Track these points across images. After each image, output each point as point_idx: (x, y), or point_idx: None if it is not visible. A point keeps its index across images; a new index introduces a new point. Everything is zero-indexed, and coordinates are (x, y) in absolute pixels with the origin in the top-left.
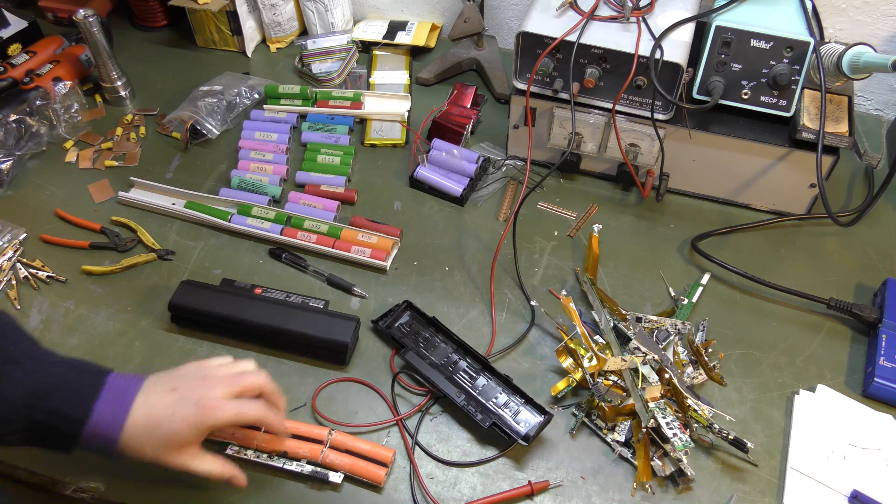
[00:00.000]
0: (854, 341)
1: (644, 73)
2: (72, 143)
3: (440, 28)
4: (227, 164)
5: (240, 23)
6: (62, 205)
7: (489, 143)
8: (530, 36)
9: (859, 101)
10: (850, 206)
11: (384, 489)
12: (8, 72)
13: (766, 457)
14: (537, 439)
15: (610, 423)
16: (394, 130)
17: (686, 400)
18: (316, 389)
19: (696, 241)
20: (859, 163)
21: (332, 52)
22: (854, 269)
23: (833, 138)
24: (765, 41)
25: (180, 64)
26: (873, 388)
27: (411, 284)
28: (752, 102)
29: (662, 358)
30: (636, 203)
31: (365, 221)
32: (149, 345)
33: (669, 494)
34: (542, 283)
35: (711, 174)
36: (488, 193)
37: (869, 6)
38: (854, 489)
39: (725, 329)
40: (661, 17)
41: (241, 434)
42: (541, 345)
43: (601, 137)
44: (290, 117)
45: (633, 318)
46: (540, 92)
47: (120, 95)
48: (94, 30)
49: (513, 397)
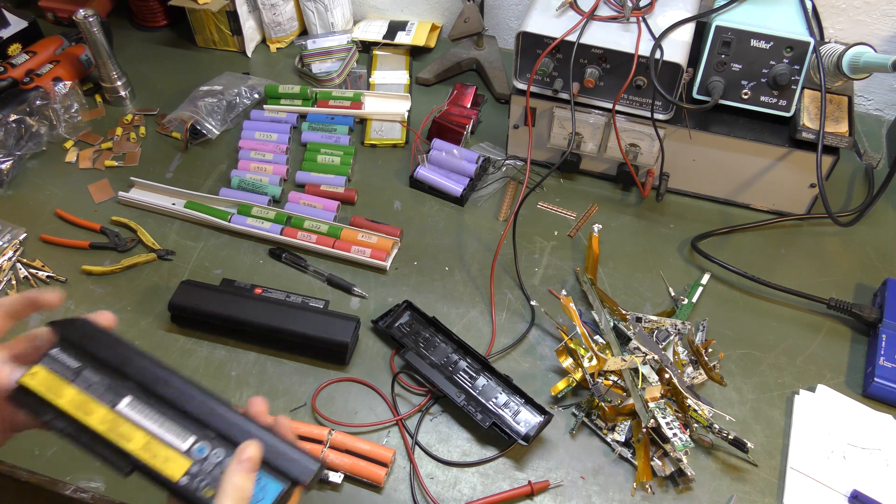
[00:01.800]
0: (854, 341)
1: (644, 73)
2: (72, 143)
3: (440, 28)
4: (227, 164)
5: (240, 23)
6: (62, 205)
7: (489, 143)
8: (530, 36)
9: (859, 101)
10: (850, 206)
11: (384, 489)
12: (8, 72)
13: (766, 457)
14: (537, 439)
15: (610, 423)
16: (394, 130)
17: (686, 400)
18: (316, 389)
19: (696, 241)
20: (859, 163)
21: (332, 52)
22: (854, 269)
23: (833, 138)
24: (765, 41)
25: (180, 64)
26: (873, 388)
27: (411, 284)
28: (752, 102)
29: (662, 358)
30: (636, 203)
31: (365, 221)
32: (149, 345)
33: (669, 494)
34: (542, 283)
35: (711, 174)
36: (488, 193)
37: (869, 6)
38: (854, 489)
39: (725, 329)
40: (661, 17)
41: None
42: (541, 345)
43: (601, 137)
44: (290, 117)
45: (633, 318)
46: (540, 92)
47: (120, 95)
48: (94, 30)
49: (513, 397)
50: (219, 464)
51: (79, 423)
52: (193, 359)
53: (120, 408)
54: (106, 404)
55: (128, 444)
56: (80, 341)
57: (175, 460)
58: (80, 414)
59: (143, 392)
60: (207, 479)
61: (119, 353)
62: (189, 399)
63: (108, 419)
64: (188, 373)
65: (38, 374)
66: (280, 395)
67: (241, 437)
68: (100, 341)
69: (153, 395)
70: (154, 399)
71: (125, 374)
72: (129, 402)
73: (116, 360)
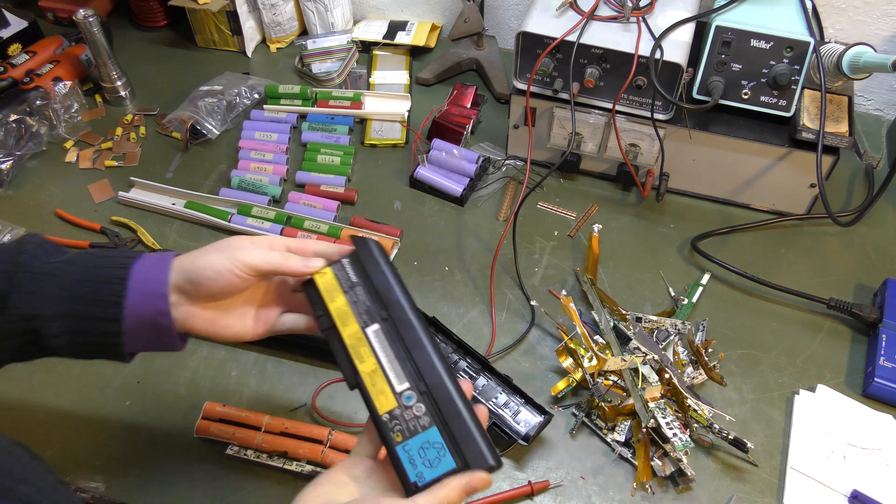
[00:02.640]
0: (854, 341)
1: (644, 73)
2: (72, 143)
3: (440, 28)
4: (227, 164)
5: (240, 23)
6: (62, 205)
7: (489, 143)
8: (530, 36)
9: (859, 101)
10: (850, 206)
11: None
12: (8, 72)
13: (766, 457)
14: (537, 439)
15: (610, 423)
16: (394, 130)
17: (686, 400)
18: (316, 389)
19: (696, 241)
20: (859, 163)
21: (332, 52)
22: (854, 269)
23: (833, 138)
24: (765, 41)
25: (180, 64)
26: (873, 388)
27: (411, 284)
28: (752, 102)
29: (662, 358)
30: (636, 203)
31: (365, 221)
32: None
33: (669, 494)
34: (542, 283)
35: (711, 174)
36: (488, 193)
37: (869, 6)
38: (854, 489)
39: (725, 329)
40: (661, 17)
41: (241, 434)
42: (541, 345)
43: (601, 137)
44: (290, 117)
45: (633, 318)
46: (540, 92)
47: (120, 95)
48: (94, 30)
49: (513, 397)
50: (416, 417)
51: (336, 329)
52: (193, 359)
53: (368, 331)
54: (359, 323)
55: (360, 365)
56: (364, 261)
57: (387, 396)
58: (339, 322)
59: (390, 326)
60: (402, 425)
61: (387, 286)
62: (420, 350)
63: (356, 337)
64: (188, 373)
65: (327, 275)
66: (280, 395)
67: (443, 403)
68: (378, 269)
69: (395, 333)
70: (395, 336)
71: (384, 304)
72: (376, 330)
73: (382, 290)
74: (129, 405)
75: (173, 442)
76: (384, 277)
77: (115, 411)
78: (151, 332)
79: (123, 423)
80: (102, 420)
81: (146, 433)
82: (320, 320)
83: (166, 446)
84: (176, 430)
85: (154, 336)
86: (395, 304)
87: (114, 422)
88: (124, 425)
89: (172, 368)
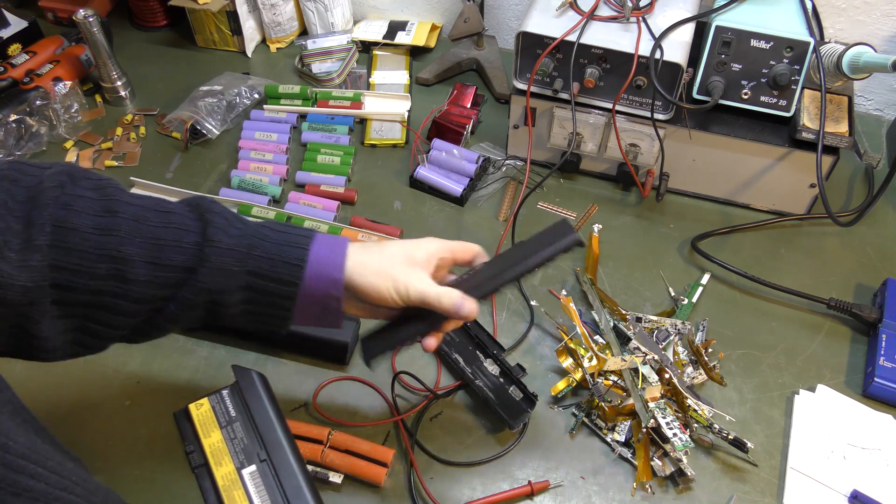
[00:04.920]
0: (854, 341)
1: (644, 73)
2: (72, 143)
3: (440, 28)
4: (227, 164)
5: (240, 23)
6: None
7: (489, 143)
8: (530, 36)
9: (859, 101)
10: (850, 206)
11: (384, 489)
12: (8, 72)
13: (766, 457)
14: (537, 439)
15: (610, 423)
16: (394, 130)
17: (686, 400)
18: (316, 389)
19: (696, 241)
20: (859, 163)
21: (332, 52)
22: (854, 269)
23: (833, 138)
24: (765, 41)
25: (180, 64)
26: (873, 388)
27: None
28: (752, 102)
29: (662, 358)
30: (636, 203)
31: (365, 221)
32: (149, 345)
33: (669, 494)
34: (541, 283)
35: (711, 174)
36: (488, 193)
37: (869, 6)
38: (854, 489)
39: (725, 329)
40: (661, 17)
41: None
42: (541, 345)
43: (601, 137)
44: (290, 117)
45: (633, 318)
46: (540, 92)
47: (120, 95)
48: (94, 30)
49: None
50: None
51: (209, 467)
52: (193, 359)
53: (244, 473)
54: (235, 464)
55: None
56: (245, 393)
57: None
58: (212, 460)
59: (268, 468)
60: None
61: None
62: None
63: (230, 478)
64: (188, 374)
65: (203, 406)
66: (280, 395)
67: None
68: (260, 403)
69: (274, 477)
70: (273, 481)
71: (263, 443)
72: (252, 472)
73: (263, 428)
74: (129, 405)
75: (173, 442)
76: (265, 413)
77: (115, 411)
78: (319, 311)
79: (123, 423)
80: (102, 420)
81: (146, 433)
82: (191, 457)
83: (166, 446)
84: (176, 431)
85: (320, 314)
86: (276, 444)
87: (114, 422)
88: (124, 425)
89: (172, 368)
